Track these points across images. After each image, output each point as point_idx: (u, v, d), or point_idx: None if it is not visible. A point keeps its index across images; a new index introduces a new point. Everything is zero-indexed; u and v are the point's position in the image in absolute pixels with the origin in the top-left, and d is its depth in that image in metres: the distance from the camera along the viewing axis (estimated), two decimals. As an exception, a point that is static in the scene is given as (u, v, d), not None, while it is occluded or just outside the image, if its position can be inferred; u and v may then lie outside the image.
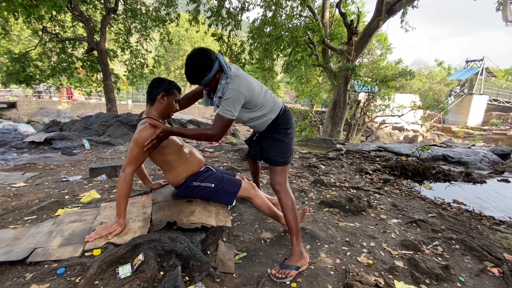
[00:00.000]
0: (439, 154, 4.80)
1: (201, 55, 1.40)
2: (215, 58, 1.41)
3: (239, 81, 1.43)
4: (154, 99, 1.58)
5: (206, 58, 1.39)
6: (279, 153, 1.60)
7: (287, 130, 1.63)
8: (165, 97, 1.58)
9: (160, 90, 1.57)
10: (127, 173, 1.47)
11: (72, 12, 8.98)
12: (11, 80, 9.71)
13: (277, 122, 1.61)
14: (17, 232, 1.56)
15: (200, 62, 1.39)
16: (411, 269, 1.60)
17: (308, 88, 14.32)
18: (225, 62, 1.43)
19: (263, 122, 1.60)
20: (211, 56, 1.40)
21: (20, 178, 3.02)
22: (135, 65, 11.19)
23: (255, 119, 1.58)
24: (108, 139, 5.78)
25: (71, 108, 17.95)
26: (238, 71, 1.47)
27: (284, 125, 1.62)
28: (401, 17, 8.51)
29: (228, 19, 9.31)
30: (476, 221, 2.36)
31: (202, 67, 1.39)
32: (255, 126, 1.64)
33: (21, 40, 17.63)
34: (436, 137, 19.50)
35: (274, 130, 1.62)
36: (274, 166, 1.62)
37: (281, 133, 1.62)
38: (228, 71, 1.43)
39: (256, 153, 1.76)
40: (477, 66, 23.96)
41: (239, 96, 1.42)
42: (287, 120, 1.64)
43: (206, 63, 1.39)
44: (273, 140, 1.62)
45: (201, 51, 1.41)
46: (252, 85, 1.48)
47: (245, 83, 1.44)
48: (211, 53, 1.42)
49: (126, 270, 1.21)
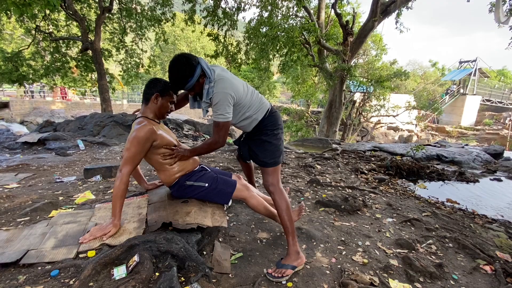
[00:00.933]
0: (433, 154, 4.86)
1: (182, 61, 1.40)
2: (197, 64, 1.42)
3: (223, 84, 1.43)
4: (149, 99, 1.59)
5: (187, 64, 1.40)
6: (268, 155, 1.61)
7: (274, 131, 1.63)
8: (159, 97, 1.58)
9: (155, 90, 1.57)
10: (124, 173, 1.46)
11: (66, 11, 8.88)
12: (3, 80, 9.56)
13: (263, 124, 1.62)
14: (9, 234, 1.54)
15: (182, 69, 1.40)
16: (406, 267, 1.62)
17: (304, 88, 14.37)
18: (207, 66, 1.44)
19: (250, 122, 1.61)
20: (193, 62, 1.41)
21: (13, 179, 2.98)
22: (130, 65, 11.10)
23: (243, 120, 1.60)
24: (103, 139, 5.73)
25: (65, 108, 17.73)
26: (222, 73, 1.47)
27: (271, 126, 1.62)
28: (396, 18, 8.59)
29: (224, 19, 9.29)
30: (469, 219, 2.39)
31: (184, 73, 1.40)
32: (243, 126, 1.65)
33: (14, 39, 17.38)
34: (430, 137, 19.74)
35: (262, 132, 1.63)
36: (265, 168, 1.63)
37: (268, 134, 1.62)
38: (212, 75, 1.43)
39: (244, 153, 1.77)
40: (470, 66, 24.31)
41: (227, 97, 1.43)
42: (274, 121, 1.64)
43: (188, 69, 1.40)
44: (261, 142, 1.63)
45: (182, 57, 1.41)
46: (236, 86, 1.48)
47: (230, 85, 1.45)
48: (192, 59, 1.42)
49: (121, 272, 1.20)
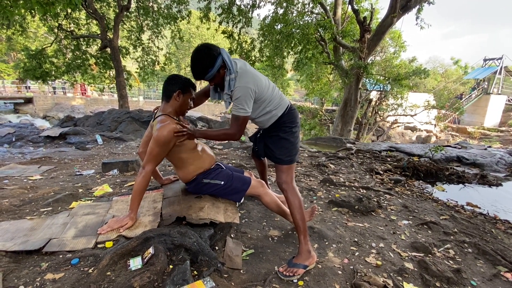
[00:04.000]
0: (453, 155, 4.67)
1: (203, 51, 1.41)
2: (218, 54, 1.41)
3: (246, 78, 1.44)
4: (170, 96, 1.58)
5: (208, 55, 1.40)
6: (284, 152, 1.60)
7: (292, 129, 1.62)
8: (181, 94, 1.59)
9: (177, 87, 1.57)
10: (147, 170, 1.50)
11: (87, 10, 9.17)
12: (28, 76, 10.02)
13: (282, 120, 1.61)
14: (33, 223, 1.62)
15: (203, 58, 1.41)
16: (421, 271, 1.57)
17: (319, 86, 14.15)
18: (229, 58, 1.43)
19: (269, 118, 1.60)
20: (214, 53, 1.41)
21: (36, 171, 3.13)
22: (146, 62, 11.36)
23: (262, 115, 1.58)
24: (120, 134, 5.90)
25: (84, 104, 18.41)
26: (245, 67, 1.48)
27: (289, 123, 1.62)
28: (416, 13, 8.25)
29: (238, 16, 9.29)
30: (491, 224, 2.29)
31: (204, 63, 1.41)
32: (261, 122, 1.64)
33: (38, 37, 18.15)
34: (450, 138, 18.98)
35: (279, 129, 1.62)
36: (280, 165, 1.62)
37: (286, 131, 1.61)
38: (233, 67, 1.43)
39: (260, 150, 1.76)
40: (495, 64, 23.11)
41: (248, 92, 1.43)
42: (293, 118, 1.63)
43: (208, 60, 1.40)
44: (278, 138, 1.62)
45: (204, 47, 1.42)
46: (259, 80, 1.49)
47: (252, 79, 1.45)
48: (213, 49, 1.42)
49: (137, 263, 1.24)
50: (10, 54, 23.15)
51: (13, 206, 1.90)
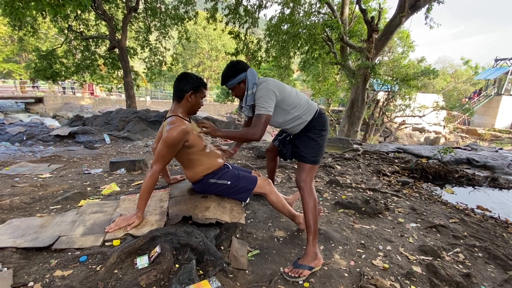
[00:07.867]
0: (463, 157, 4.58)
1: (232, 64, 1.63)
2: (243, 70, 1.60)
3: (267, 82, 1.59)
4: (182, 97, 1.57)
5: (234, 67, 1.61)
6: (311, 151, 1.63)
7: (322, 132, 1.67)
8: (193, 95, 1.58)
9: (189, 87, 1.56)
10: (155, 170, 1.52)
11: (96, 11, 9.31)
12: (38, 76, 10.23)
13: (312, 124, 1.65)
14: (43, 220, 1.66)
15: (228, 69, 1.62)
16: (430, 275, 1.54)
17: (325, 87, 14.06)
18: (253, 77, 1.59)
19: (299, 124, 1.65)
20: (239, 67, 1.61)
21: (46, 169, 3.19)
22: (154, 63, 11.47)
23: (290, 120, 1.64)
24: (127, 134, 5.97)
25: (93, 103, 18.70)
26: (268, 78, 1.63)
27: (319, 126, 1.66)
28: (426, 13, 8.11)
29: (245, 17, 9.29)
30: (502, 228, 2.24)
31: (227, 73, 1.61)
32: (292, 128, 1.69)
33: (48, 38, 18.55)
34: (460, 140, 18.60)
35: (309, 130, 1.67)
36: (304, 163, 1.64)
37: (315, 133, 1.66)
38: (251, 84, 1.59)
39: (288, 152, 1.79)
40: (507, 65, 22.54)
41: (269, 93, 1.53)
42: (323, 122, 1.68)
43: (232, 71, 1.60)
44: (307, 138, 1.66)
45: (234, 61, 1.65)
46: (282, 85, 1.62)
47: (273, 83, 1.58)
48: (240, 65, 1.62)
49: (143, 261, 1.25)
50: (21, 54, 23.71)
51: (23, 204, 1.94)
